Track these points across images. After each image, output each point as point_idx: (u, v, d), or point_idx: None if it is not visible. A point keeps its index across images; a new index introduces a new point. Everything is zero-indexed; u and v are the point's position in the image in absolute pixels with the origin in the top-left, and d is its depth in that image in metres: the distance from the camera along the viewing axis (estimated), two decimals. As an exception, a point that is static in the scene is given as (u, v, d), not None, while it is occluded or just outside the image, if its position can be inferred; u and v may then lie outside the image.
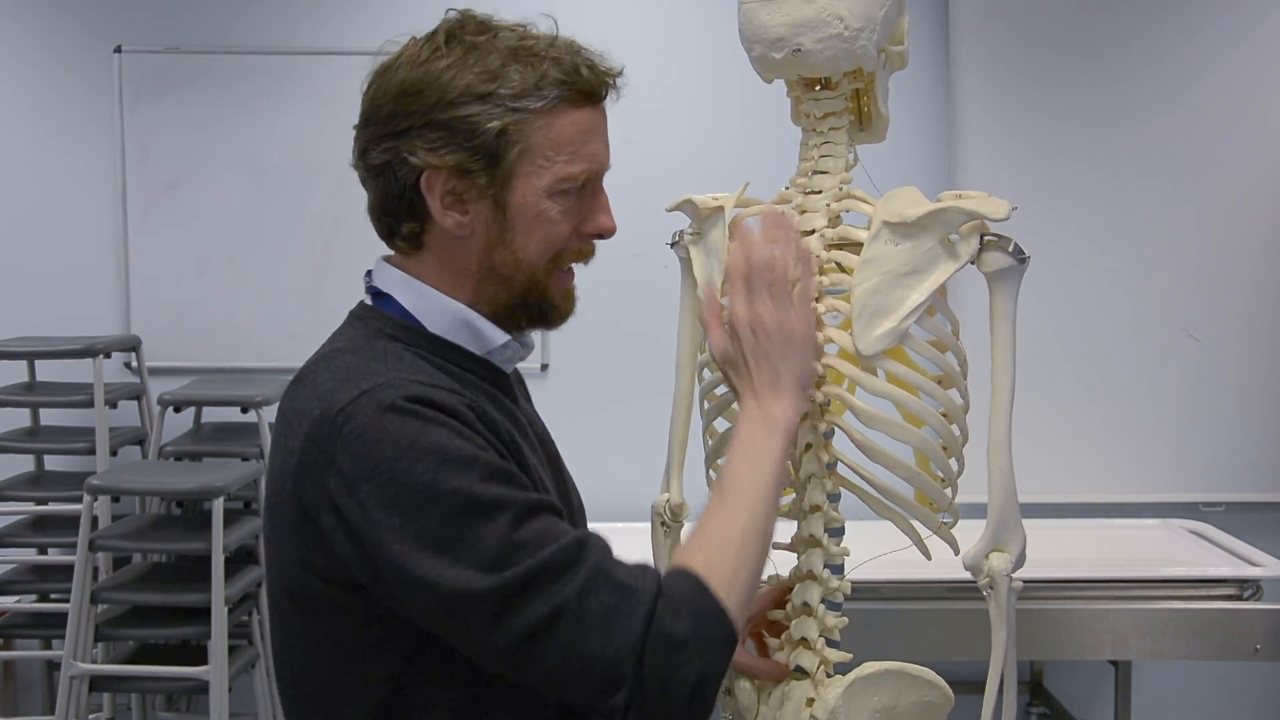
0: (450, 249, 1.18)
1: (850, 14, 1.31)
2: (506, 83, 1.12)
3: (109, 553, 3.21)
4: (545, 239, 1.17)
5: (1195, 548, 3.08)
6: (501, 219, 1.15)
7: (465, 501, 1.03)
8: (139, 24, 3.65)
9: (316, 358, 1.18)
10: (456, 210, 1.15)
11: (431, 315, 1.19)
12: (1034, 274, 1.35)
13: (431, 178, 1.13)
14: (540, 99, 1.13)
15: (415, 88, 1.12)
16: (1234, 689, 3.71)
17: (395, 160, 1.13)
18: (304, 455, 1.08)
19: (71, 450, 3.42)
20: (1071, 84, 3.46)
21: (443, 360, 1.17)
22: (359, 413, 1.05)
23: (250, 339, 3.65)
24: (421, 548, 1.02)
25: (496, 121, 1.11)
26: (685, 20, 3.63)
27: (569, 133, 1.15)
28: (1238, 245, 3.47)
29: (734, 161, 3.63)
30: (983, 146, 3.48)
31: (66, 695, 2.97)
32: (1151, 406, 3.50)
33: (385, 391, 1.06)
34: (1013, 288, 1.29)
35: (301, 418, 1.10)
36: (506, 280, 1.18)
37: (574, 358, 3.67)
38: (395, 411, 1.05)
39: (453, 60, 1.12)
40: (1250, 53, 3.43)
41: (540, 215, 1.16)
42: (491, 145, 1.12)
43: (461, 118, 1.11)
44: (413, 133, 1.12)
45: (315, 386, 1.11)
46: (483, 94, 1.11)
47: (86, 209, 3.69)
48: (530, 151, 1.13)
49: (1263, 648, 2.72)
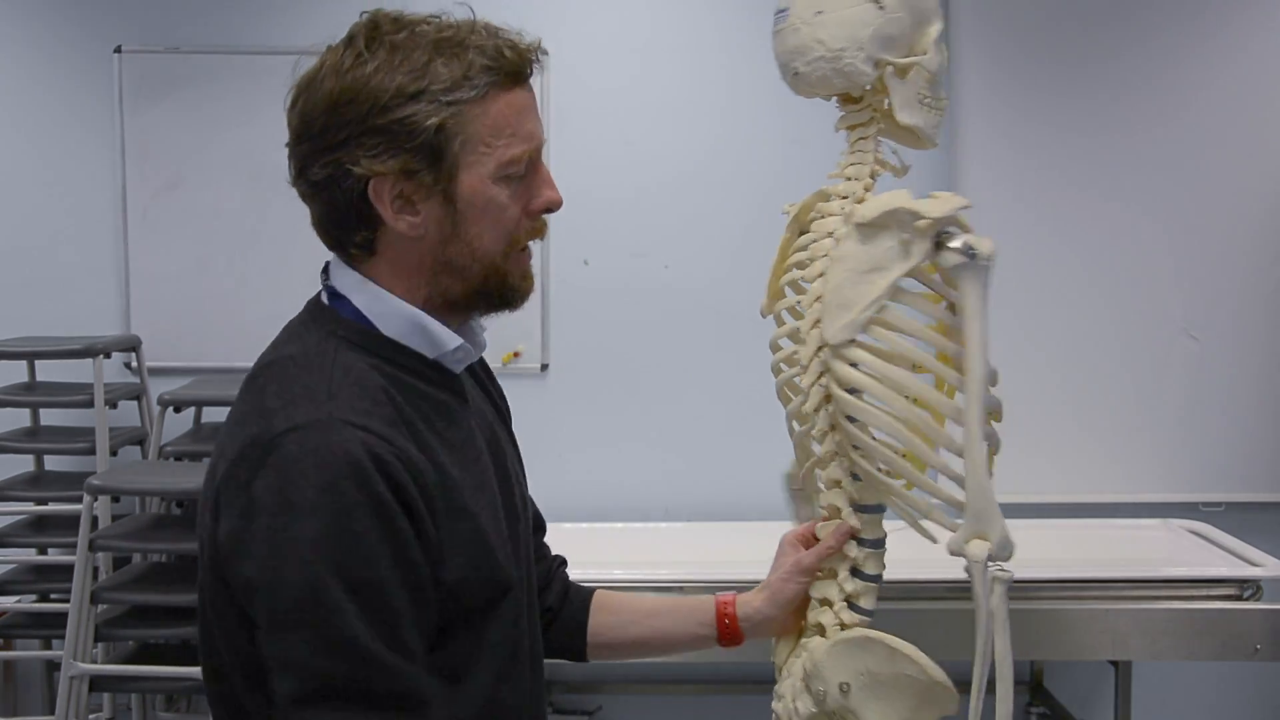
0: (403, 249, 1.17)
1: (830, 37, 1.40)
2: (436, 78, 1.11)
3: (109, 553, 3.20)
4: (498, 225, 1.17)
5: (1195, 548, 3.09)
6: (453, 213, 1.15)
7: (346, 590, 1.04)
8: (139, 24, 3.65)
9: (270, 362, 1.19)
10: (408, 213, 1.15)
11: (385, 318, 1.19)
12: (1034, 274, 1.37)
13: (378, 185, 1.12)
14: (472, 88, 1.12)
15: (345, 96, 1.12)
16: (1234, 689, 3.71)
17: (338, 173, 1.13)
18: (230, 470, 1.10)
19: (71, 450, 3.42)
20: (1071, 86, 3.46)
21: (394, 368, 1.17)
22: (285, 448, 1.07)
23: (250, 339, 3.59)
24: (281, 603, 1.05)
25: (434, 118, 1.11)
26: (686, 21, 3.63)
27: (505, 116, 1.15)
28: (1237, 246, 3.47)
29: (734, 162, 3.63)
30: (983, 149, 3.48)
31: (66, 695, 2.97)
32: (1151, 406, 3.50)
33: (316, 434, 1.07)
34: (974, 285, 1.36)
35: (241, 429, 1.12)
36: (463, 271, 1.18)
37: (574, 358, 3.67)
38: (315, 462, 1.06)
39: (378, 64, 1.12)
40: (1249, 55, 3.43)
41: (490, 202, 1.16)
42: (432, 142, 1.12)
43: (398, 120, 1.11)
44: (351, 142, 1.12)
45: (260, 399, 1.13)
46: (415, 92, 1.11)
47: (86, 209, 3.69)
48: (471, 141, 1.13)
49: (1263, 648, 2.72)
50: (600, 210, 3.56)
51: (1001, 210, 3.49)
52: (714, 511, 3.50)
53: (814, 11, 1.40)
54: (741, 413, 3.53)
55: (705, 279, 3.61)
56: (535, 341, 3.64)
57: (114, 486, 3.09)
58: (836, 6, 1.40)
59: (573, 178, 3.53)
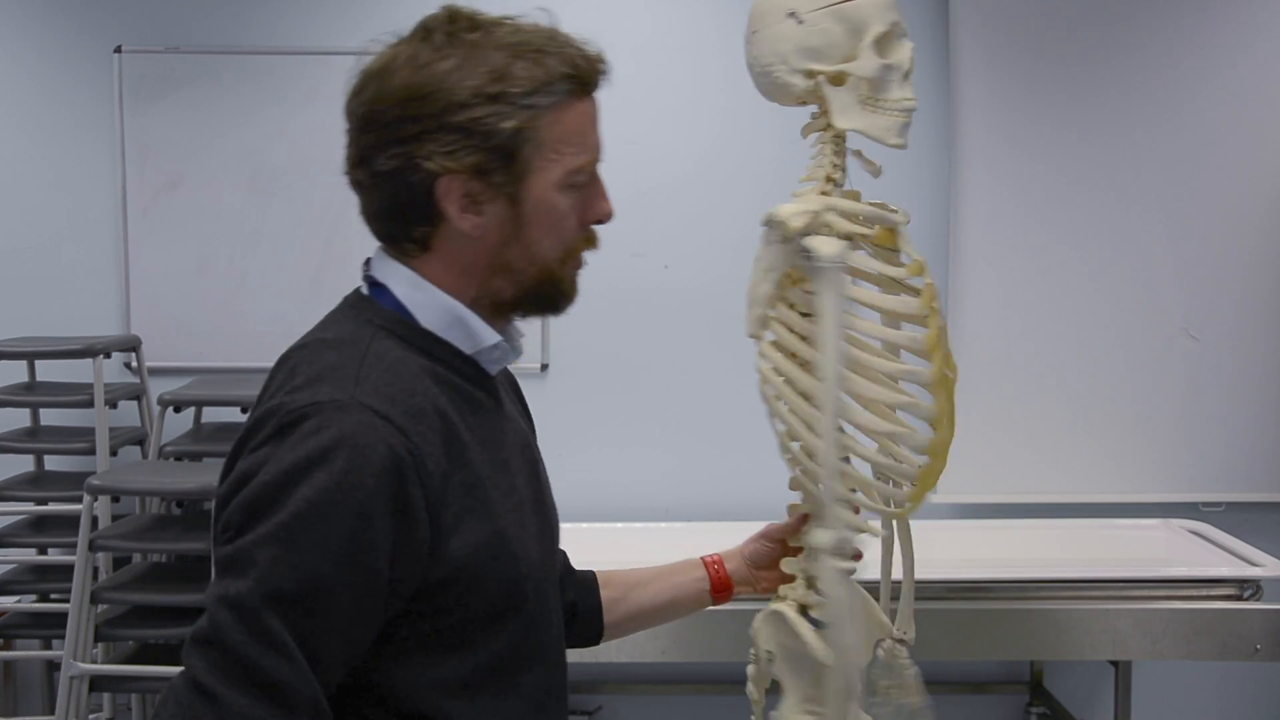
0: (460, 248, 1.17)
1: (759, 54, 1.51)
2: (515, 81, 1.11)
3: (109, 553, 3.20)
4: (557, 232, 1.18)
5: (1195, 548, 3.09)
6: (516, 216, 1.16)
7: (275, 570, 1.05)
8: (139, 24, 3.65)
9: (304, 341, 1.19)
10: (472, 212, 1.15)
11: (424, 309, 1.18)
12: (1034, 274, 1.37)
13: (448, 182, 1.12)
14: (549, 95, 1.13)
15: (422, 90, 1.11)
16: (1234, 689, 3.71)
17: (407, 166, 1.12)
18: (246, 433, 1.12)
19: (71, 450, 3.42)
20: (1071, 86, 3.46)
21: (429, 359, 1.17)
22: (304, 423, 1.07)
23: (250, 339, 3.65)
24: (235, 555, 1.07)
25: (511, 121, 1.11)
26: (687, 20, 3.63)
27: (576, 125, 1.16)
28: (1237, 245, 3.47)
29: (734, 162, 3.63)
30: (982, 149, 3.48)
31: (66, 695, 2.97)
32: (1151, 406, 3.50)
33: (334, 414, 1.07)
34: (822, 287, 1.40)
35: (262, 403, 1.14)
36: (517, 274, 1.18)
37: (574, 358, 3.67)
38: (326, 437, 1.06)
39: (457, 61, 1.11)
40: (1249, 55, 3.43)
41: (553, 209, 1.17)
42: (507, 144, 1.12)
43: (476, 119, 1.11)
44: (425, 137, 1.11)
45: (290, 376, 1.13)
46: (494, 94, 1.11)
47: (86, 209, 3.69)
48: (542, 147, 1.14)
49: (1263, 648, 2.72)
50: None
51: (1001, 211, 3.49)
52: (714, 511, 3.50)
53: (752, 31, 1.52)
54: (741, 413, 3.52)
55: (705, 279, 3.61)
56: (535, 341, 3.64)
57: (114, 486, 3.09)
58: (765, 25, 1.50)
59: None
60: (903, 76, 1.46)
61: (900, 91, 1.46)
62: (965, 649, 2.82)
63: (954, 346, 3.76)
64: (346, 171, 1.19)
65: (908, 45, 1.46)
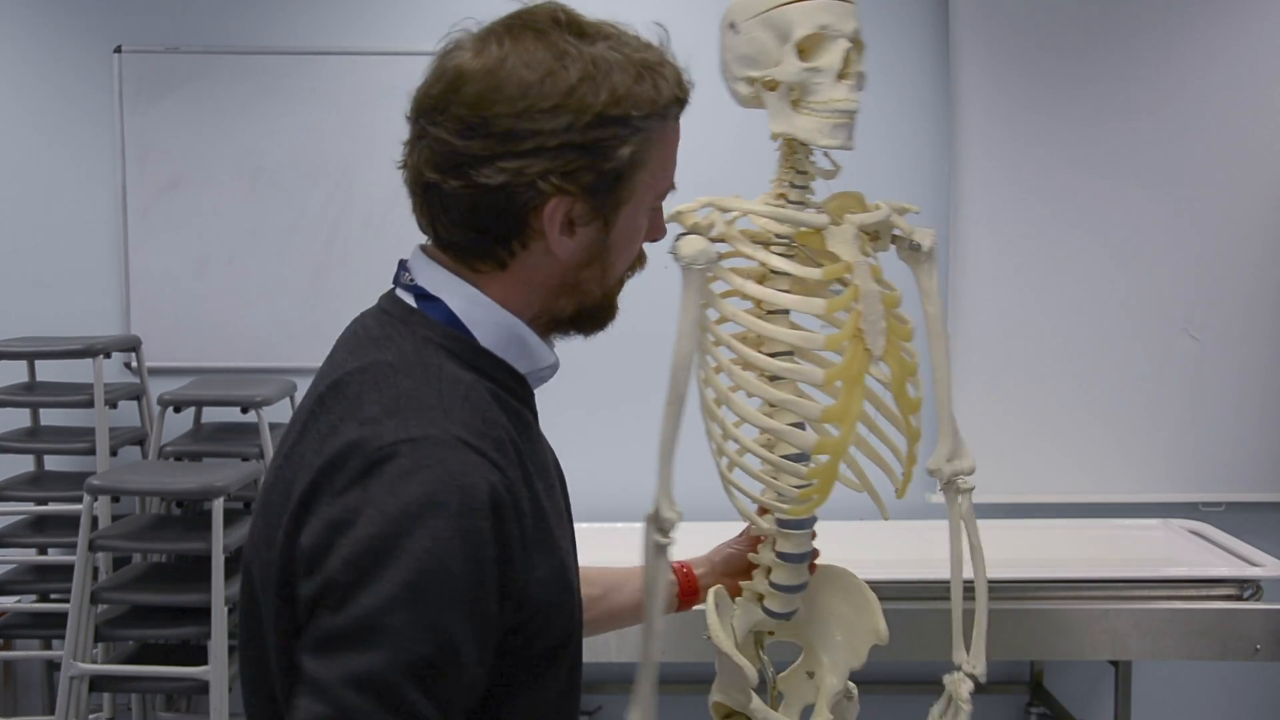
0: (539, 266, 1.09)
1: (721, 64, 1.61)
2: (637, 104, 1.05)
3: (109, 553, 3.20)
4: (630, 254, 1.14)
5: (1195, 548, 3.09)
6: (604, 239, 1.10)
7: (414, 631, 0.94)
8: (139, 24, 3.65)
9: (363, 366, 1.05)
10: (567, 234, 1.07)
11: (484, 327, 1.09)
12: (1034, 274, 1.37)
13: (557, 203, 1.04)
14: (663, 118, 1.09)
15: (545, 104, 1.02)
16: (1234, 689, 3.71)
17: (516, 181, 1.03)
18: (323, 474, 0.99)
19: (71, 450, 3.42)
20: (1071, 84, 3.46)
21: (491, 382, 1.08)
22: (397, 461, 0.97)
23: (250, 339, 3.65)
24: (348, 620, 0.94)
25: (629, 145, 1.05)
26: (686, 21, 3.63)
27: (672, 148, 1.13)
28: (1238, 245, 3.47)
29: (735, 162, 3.63)
30: (983, 146, 3.48)
31: (66, 695, 2.97)
32: (1151, 406, 3.50)
33: (429, 450, 0.97)
34: (684, 285, 1.46)
35: (336, 436, 1.00)
36: (586, 295, 1.13)
37: (574, 358, 3.65)
38: (429, 486, 0.96)
39: (582, 74, 1.03)
40: (1251, 52, 3.43)
41: (636, 232, 1.13)
42: (622, 169, 1.06)
43: (597, 141, 1.03)
44: (544, 153, 1.02)
45: (359, 408, 1.01)
46: (618, 116, 1.04)
47: (86, 209, 3.69)
48: (646, 170, 1.09)
49: (1263, 648, 2.72)
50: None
51: (1001, 211, 3.49)
52: (714, 511, 3.49)
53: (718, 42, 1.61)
54: (741, 413, 3.52)
55: (705, 279, 3.60)
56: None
57: (114, 486, 3.09)
58: (720, 36, 1.60)
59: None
60: (834, 78, 1.47)
61: (831, 93, 1.48)
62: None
63: (953, 346, 3.75)
64: (424, 172, 1.07)
65: (839, 46, 1.47)
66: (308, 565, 0.98)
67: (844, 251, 1.50)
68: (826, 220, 1.51)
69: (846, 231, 1.51)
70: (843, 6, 1.48)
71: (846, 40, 1.48)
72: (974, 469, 1.65)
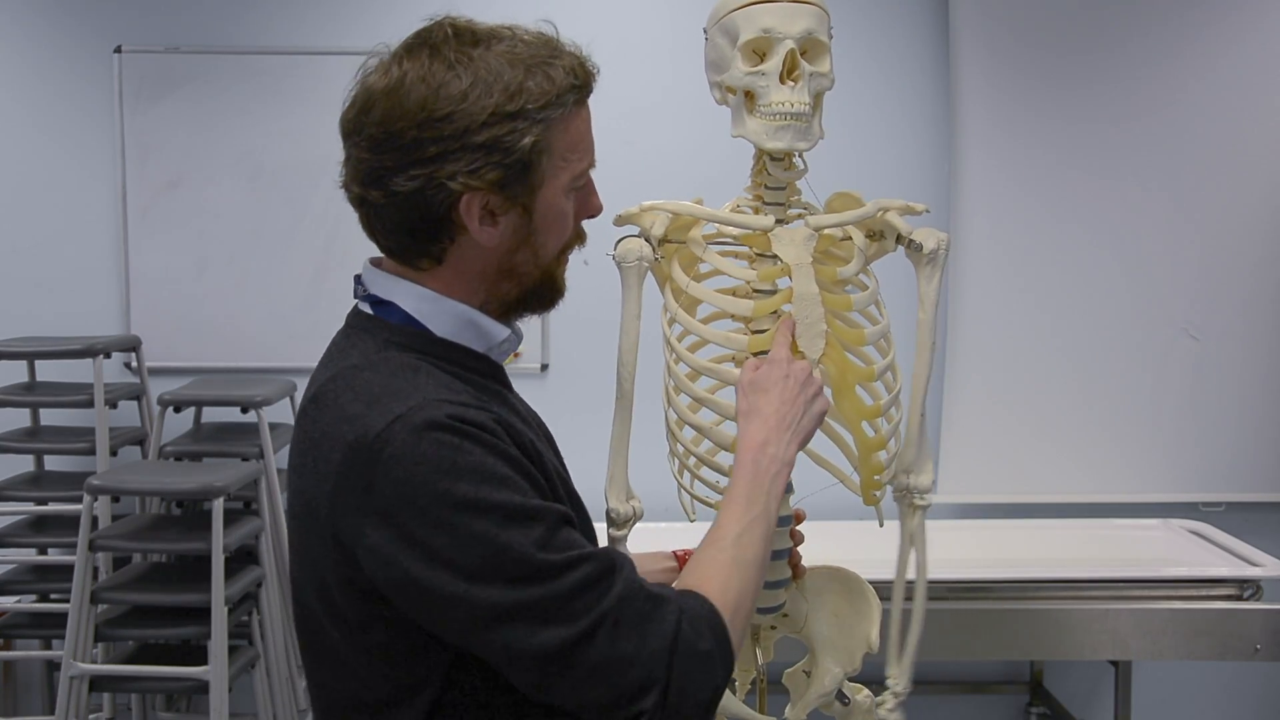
0: (472, 257, 1.19)
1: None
2: (530, 97, 1.13)
3: (109, 553, 3.21)
4: (560, 234, 1.22)
5: (1195, 548, 3.09)
6: (528, 223, 1.19)
7: (503, 519, 1.06)
8: (139, 24, 3.65)
9: (333, 375, 1.17)
10: (489, 224, 1.17)
11: (437, 319, 1.20)
12: (1034, 273, 1.37)
13: (470, 199, 1.14)
14: (560, 106, 1.16)
15: (441, 112, 1.12)
16: (1234, 689, 3.71)
17: (428, 186, 1.13)
18: (340, 481, 1.09)
19: (71, 450, 3.42)
20: (1072, 84, 3.46)
21: (452, 366, 1.19)
22: (395, 438, 1.06)
23: (250, 339, 3.65)
24: (461, 566, 1.05)
25: (529, 137, 1.13)
26: (686, 21, 3.63)
27: (580, 131, 1.20)
28: (1238, 245, 3.47)
29: (735, 162, 3.63)
30: (983, 146, 3.48)
31: (66, 695, 2.97)
32: (1151, 406, 3.50)
33: (418, 414, 1.07)
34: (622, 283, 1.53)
35: (331, 442, 1.11)
36: (523, 277, 1.22)
37: (574, 358, 3.67)
38: (431, 432, 1.06)
39: (473, 80, 1.12)
40: (1251, 52, 3.43)
41: (560, 213, 1.21)
42: (526, 158, 1.14)
43: (496, 138, 1.12)
44: (448, 157, 1.12)
45: (340, 409, 1.12)
46: (512, 112, 1.13)
47: (86, 209, 3.69)
48: (554, 156, 1.17)
49: (1263, 648, 2.72)
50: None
51: (1001, 211, 3.49)
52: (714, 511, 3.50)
53: None
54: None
55: (705, 279, 3.60)
56: (535, 341, 3.64)
57: (114, 486, 3.09)
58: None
59: (573, 178, 3.54)
60: (777, 80, 1.48)
61: (774, 95, 1.48)
62: (965, 649, 2.82)
63: (952, 346, 3.74)
64: (351, 187, 1.19)
65: (783, 48, 1.48)
66: (388, 559, 1.07)
67: (787, 254, 1.50)
68: (771, 222, 1.52)
69: (797, 234, 1.52)
70: (791, 8, 1.48)
71: (791, 42, 1.48)
72: (931, 487, 1.63)
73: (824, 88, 1.51)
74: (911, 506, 1.63)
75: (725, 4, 1.53)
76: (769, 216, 1.53)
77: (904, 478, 1.61)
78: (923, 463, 1.61)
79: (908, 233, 1.58)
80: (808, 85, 1.48)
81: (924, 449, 1.62)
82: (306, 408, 1.18)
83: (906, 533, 1.64)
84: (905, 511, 1.64)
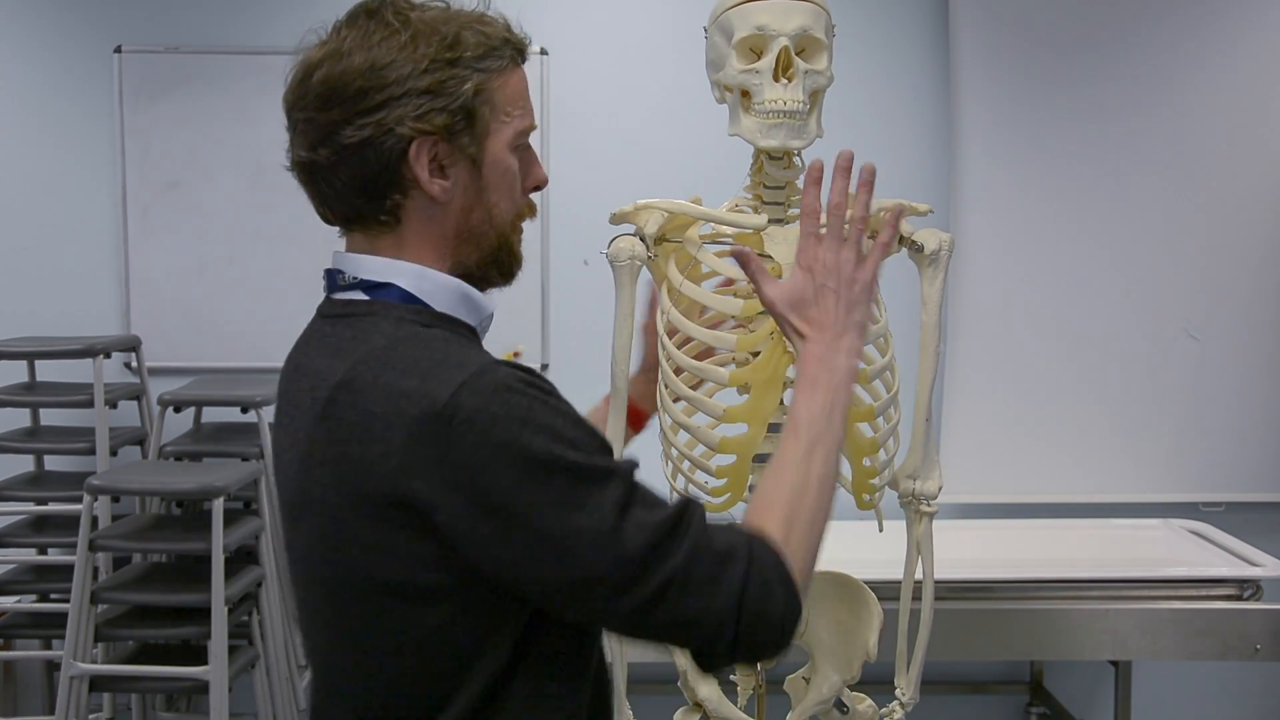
0: (429, 218, 1.20)
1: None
2: (467, 46, 1.16)
3: (109, 553, 3.20)
4: (510, 194, 1.23)
5: (1195, 548, 3.09)
6: (478, 179, 1.20)
7: (584, 472, 1.07)
8: (139, 24, 3.65)
9: (360, 359, 1.13)
10: (439, 176, 1.18)
11: (435, 294, 1.20)
12: (1034, 273, 1.37)
13: (419, 145, 1.15)
14: (497, 59, 1.19)
15: (383, 61, 1.14)
16: (1234, 689, 3.71)
17: (378, 134, 1.15)
18: (408, 455, 1.07)
19: (71, 450, 3.42)
20: (1072, 83, 3.46)
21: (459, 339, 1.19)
22: (466, 404, 1.06)
23: (250, 339, 3.65)
24: (550, 521, 1.06)
25: (470, 83, 1.16)
26: (686, 20, 3.63)
27: (519, 89, 1.22)
28: (1238, 245, 3.47)
29: (735, 163, 3.63)
30: (983, 146, 3.48)
31: (66, 695, 2.97)
32: (1151, 406, 3.50)
33: (483, 378, 1.08)
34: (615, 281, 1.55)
35: (385, 421, 1.08)
36: (480, 240, 1.22)
37: (574, 358, 3.67)
38: (502, 394, 1.07)
39: (411, 33, 1.15)
40: (1251, 51, 3.43)
41: (507, 170, 1.22)
42: (470, 104, 1.16)
43: (439, 82, 1.15)
44: (393, 104, 1.14)
45: (387, 387, 1.09)
46: (452, 59, 1.15)
47: (86, 209, 3.69)
48: (496, 109, 1.19)
49: (1263, 648, 2.72)
50: (600, 210, 3.54)
51: (1001, 210, 3.49)
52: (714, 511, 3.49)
53: None
54: (741, 413, 3.52)
55: (705, 279, 3.60)
56: (535, 341, 3.64)
57: (114, 486, 3.09)
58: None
59: (572, 177, 3.54)
60: (770, 78, 1.48)
61: (767, 93, 1.48)
62: (965, 649, 2.82)
63: (952, 346, 3.74)
64: (299, 154, 1.23)
65: (777, 45, 1.47)
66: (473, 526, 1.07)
67: (780, 253, 1.50)
68: (764, 222, 1.52)
69: (790, 233, 1.52)
70: (786, 5, 1.48)
71: (785, 39, 1.47)
72: (938, 493, 1.61)
73: (821, 86, 1.51)
74: (918, 513, 1.61)
75: (723, 2, 1.52)
76: (763, 216, 1.53)
77: (910, 484, 1.60)
78: (929, 469, 1.60)
79: (909, 234, 1.58)
80: (802, 83, 1.48)
81: (930, 454, 1.60)
82: (337, 396, 1.13)
83: (913, 540, 1.63)
84: (911, 519, 1.62)
